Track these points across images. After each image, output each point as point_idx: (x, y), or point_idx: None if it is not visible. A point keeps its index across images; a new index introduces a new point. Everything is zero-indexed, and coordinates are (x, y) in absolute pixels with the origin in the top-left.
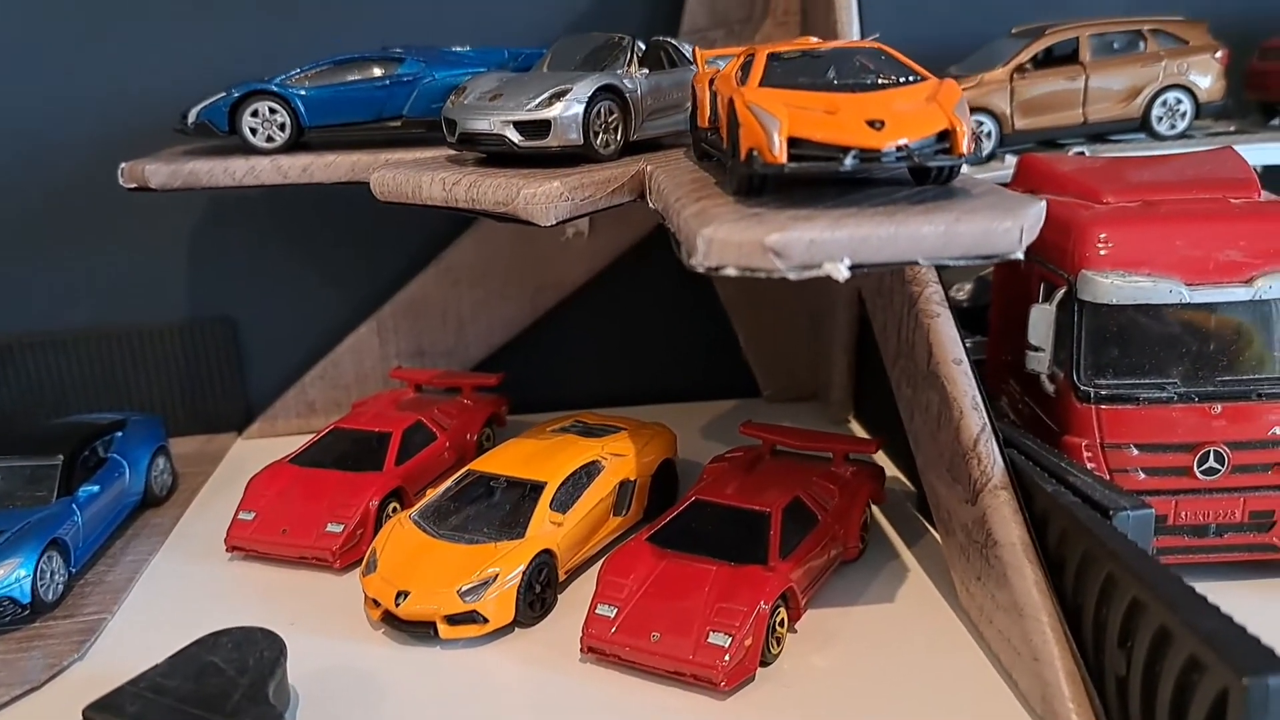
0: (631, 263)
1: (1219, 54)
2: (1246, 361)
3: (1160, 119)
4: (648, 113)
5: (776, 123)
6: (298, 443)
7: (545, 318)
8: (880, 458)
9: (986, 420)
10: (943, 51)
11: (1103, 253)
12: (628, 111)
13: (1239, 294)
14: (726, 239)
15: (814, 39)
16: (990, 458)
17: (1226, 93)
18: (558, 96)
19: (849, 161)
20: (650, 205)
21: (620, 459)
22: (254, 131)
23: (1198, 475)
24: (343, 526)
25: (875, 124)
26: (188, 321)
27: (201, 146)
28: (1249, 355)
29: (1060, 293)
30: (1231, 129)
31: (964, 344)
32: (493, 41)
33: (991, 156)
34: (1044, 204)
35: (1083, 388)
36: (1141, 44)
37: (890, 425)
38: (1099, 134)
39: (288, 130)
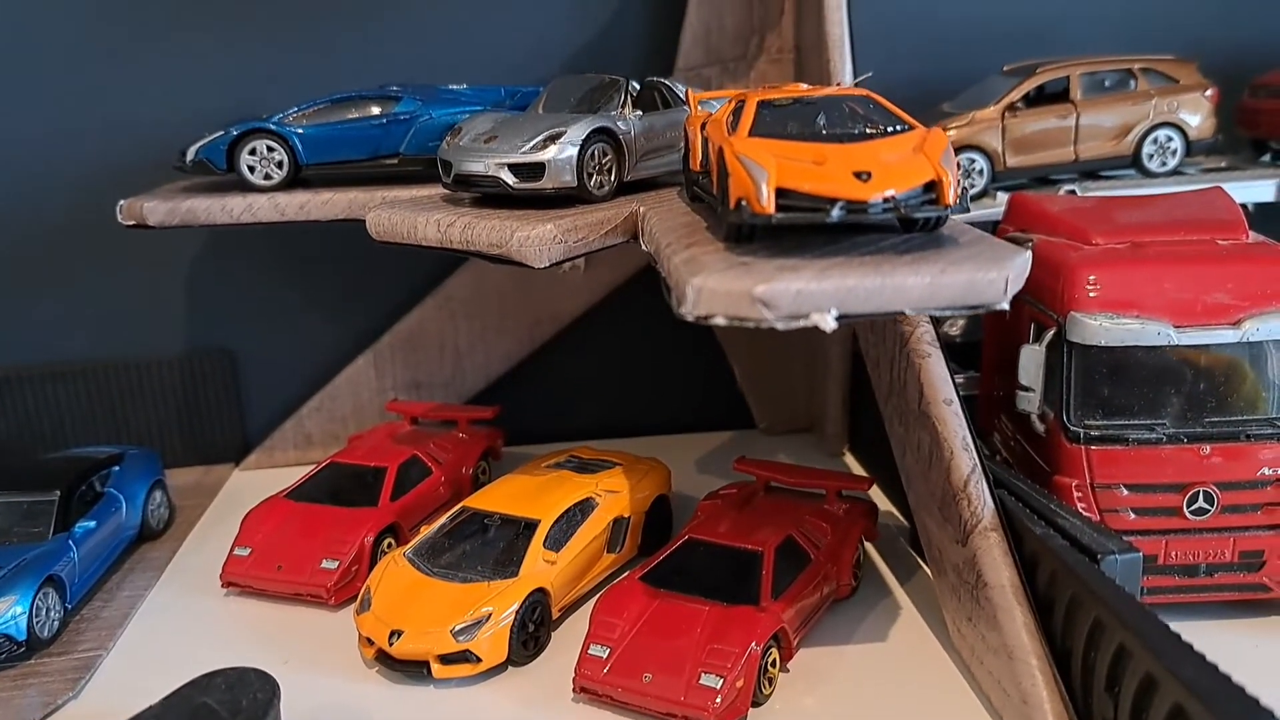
0: (628, 296)
1: (1209, 92)
2: (1235, 402)
3: (1151, 156)
4: (641, 154)
5: (765, 173)
6: (295, 474)
7: (542, 350)
8: (874, 492)
9: (977, 461)
10: (935, 89)
11: (1092, 295)
12: (621, 153)
13: (1227, 336)
14: (715, 288)
15: (804, 85)
16: (980, 499)
17: (1217, 130)
18: (552, 139)
19: (836, 213)
20: (643, 247)
21: (614, 496)
22: (252, 169)
23: (1187, 515)
24: (338, 563)
25: (862, 175)
26: (186, 353)
27: (200, 183)
28: (1237, 396)
29: (1050, 334)
30: (1223, 165)
31: (956, 380)
32: (491, 79)
33: (983, 193)
34: (1029, 254)
35: (1072, 428)
36: (1132, 82)
37: (884, 458)
38: (1090, 171)
39: (285, 168)
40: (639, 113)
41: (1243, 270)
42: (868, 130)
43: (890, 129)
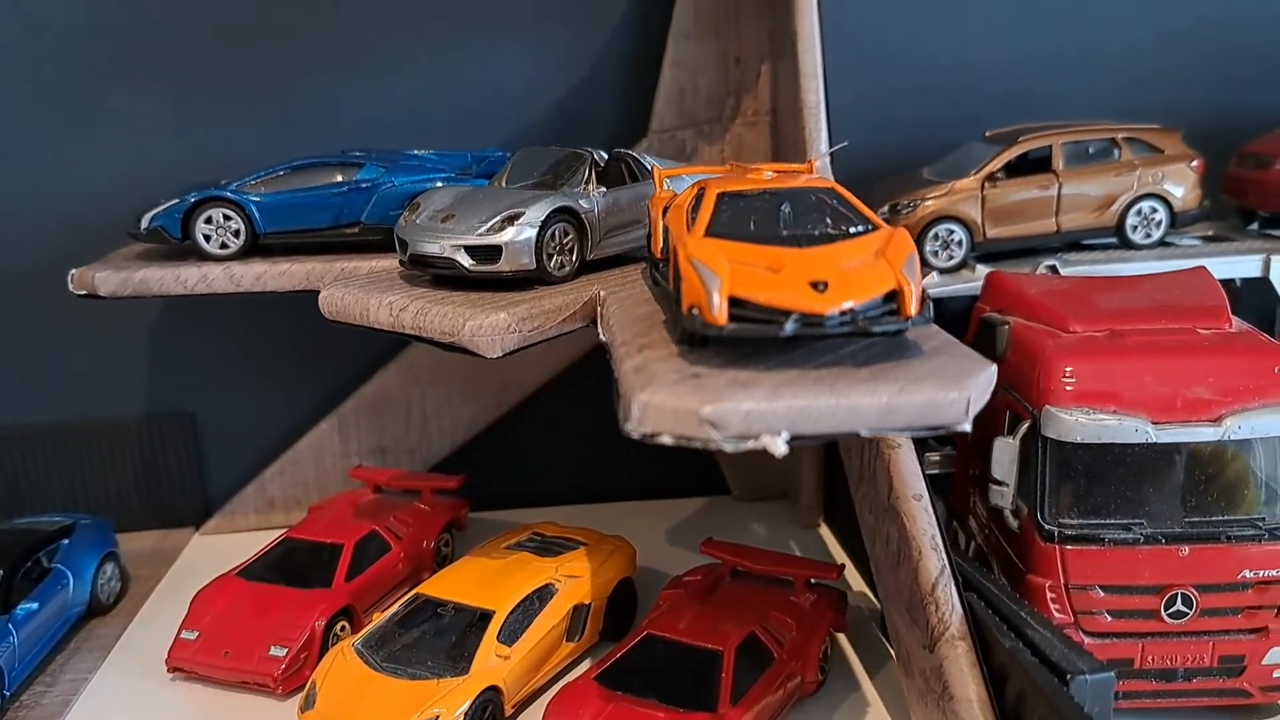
0: (596, 360)
1: (1194, 163)
2: (1215, 502)
3: (1135, 228)
4: (605, 231)
5: (717, 281)
6: (256, 540)
7: (510, 415)
8: (848, 570)
9: (946, 562)
10: (921, 151)
11: (1068, 388)
12: (584, 232)
13: (1207, 434)
14: (662, 405)
15: (769, 172)
16: (949, 603)
17: (1202, 201)
18: (510, 220)
19: (790, 326)
20: (600, 337)
21: (575, 581)
22: (208, 238)
23: (1165, 618)
24: (286, 650)
25: (819, 285)
26: (147, 415)
27: (156, 249)
28: (1218, 495)
29: (1024, 426)
30: (1209, 234)
31: (933, 458)
32: (464, 140)
33: (963, 264)
34: (994, 369)
35: (1046, 527)
36: (1116, 152)
37: (858, 532)
38: (1073, 243)
39: (242, 236)
40: (603, 189)
41: (1225, 363)
42: (829, 230)
43: (852, 229)
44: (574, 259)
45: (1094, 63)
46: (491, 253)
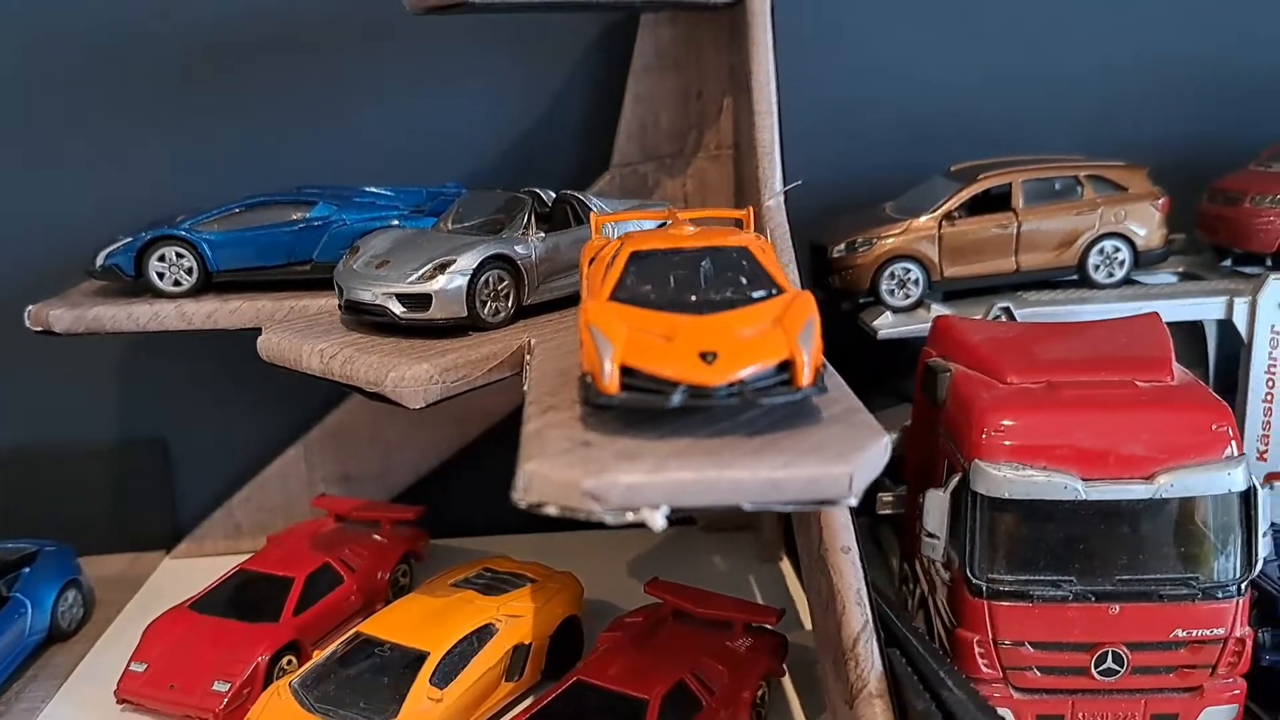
0: None
1: (1159, 201)
2: (1147, 560)
3: (1097, 267)
4: (544, 276)
5: (610, 349)
6: (226, 564)
7: (475, 443)
8: (804, 609)
9: (869, 618)
10: (882, 187)
11: (997, 442)
12: (520, 278)
13: (1139, 492)
14: (547, 476)
15: (690, 227)
16: (869, 661)
17: (1167, 240)
18: (441, 269)
19: (677, 398)
20: (524, 388)
21: (516, 620)
22: (161, 276)
23: (1095, 675)
24: (229, 685)
25: (708, 356)
26: (118, 440)
27: (112, 286)
28: (1150, 554)
29: (955, 480)
30: (1180, 270)
31: (886, 498)
32: (425, 174)
33: (919, 304)
34: (886, 441)
35: (975, 581)
36: (1078, 190)
37: None
38: (1033, 283)
39: (195, 274)
40: (541, 234)
41: (1159, 419)
42: (731, 295)
43: (756, 293)
44: (510, 305)
45: (1066, 94)
46: (422, 300)
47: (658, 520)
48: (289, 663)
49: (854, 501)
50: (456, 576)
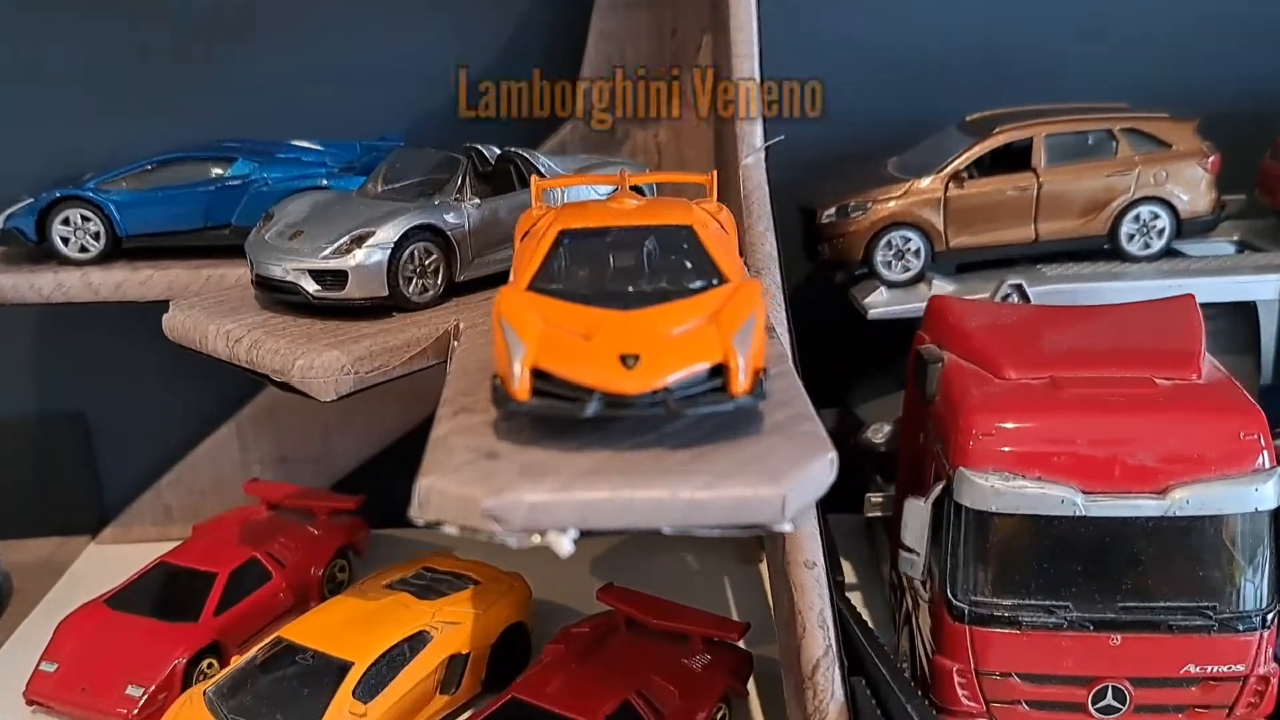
0: None
1: (1209, 160)
2: (1156, 586)
3: (1132, 237)
4: (480, 248)
5: (521, 350)
6: (154, 551)
7: (422, 427)
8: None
9: (831, 644)
10: (906, 130)
11: (986, 447)
12: (451, 251)
13: (1148, 508)
14: (445, 491)
15: (631, 201)
16: (828, 691)
17: (1216, 206)
18: (358, 241)
19: (592, 407)
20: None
21: (454, 628)
22: (66, 241)
23: (1093, 713)
24: (143, 690)
25: (628, 359)
26: (36, 416)
27: (15, 251)
28: (1160, 579)
29: (937, 489)
30: (1237, 239)
31: (876, 499)
32: (366, 127)
33: (920, 278)
34: (830, 458)
35: (956, 604)
36: (1112, 146)
37: None
38: (1055, 255)
39: (102, 239)
40: (477, 200)
41: (1177, 423)
42: (665, 285)
43: (694, 284)
44: (439, 282)
45: (1103, 35)
46: (338, 277)
47: (565, 545)
48: (210, 666)
49: (789, 527)
50: (392, 577)
